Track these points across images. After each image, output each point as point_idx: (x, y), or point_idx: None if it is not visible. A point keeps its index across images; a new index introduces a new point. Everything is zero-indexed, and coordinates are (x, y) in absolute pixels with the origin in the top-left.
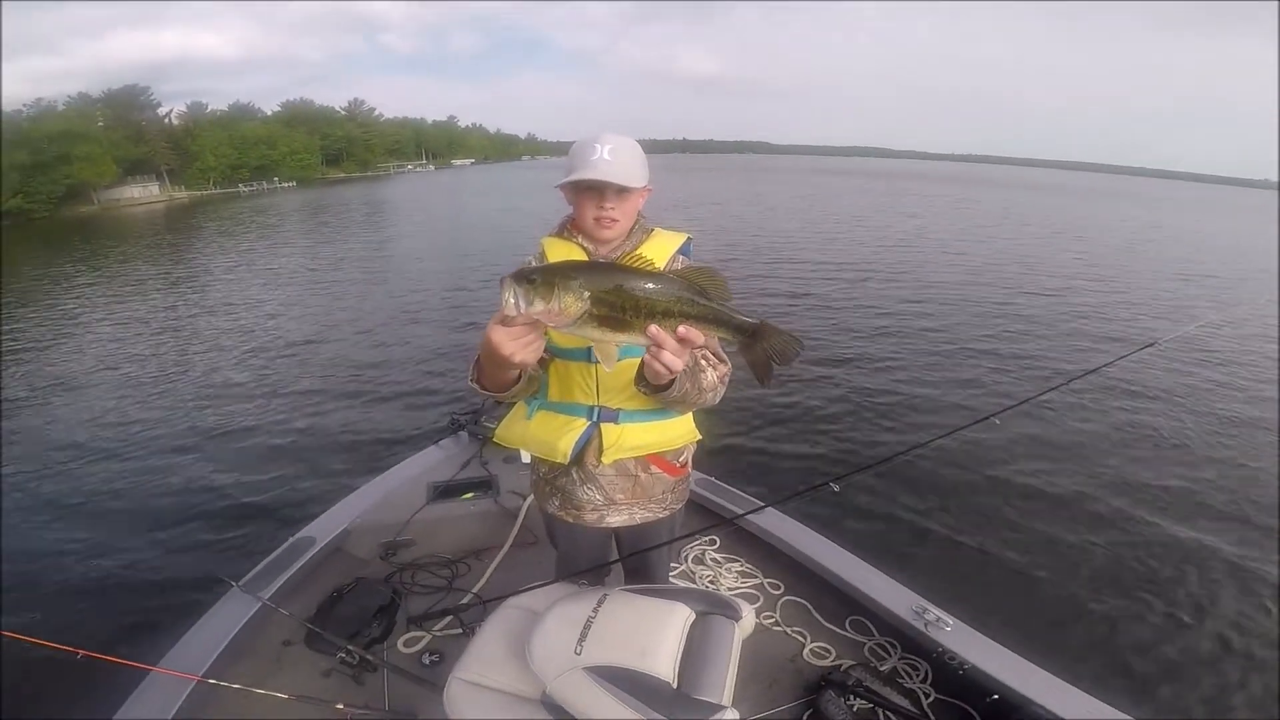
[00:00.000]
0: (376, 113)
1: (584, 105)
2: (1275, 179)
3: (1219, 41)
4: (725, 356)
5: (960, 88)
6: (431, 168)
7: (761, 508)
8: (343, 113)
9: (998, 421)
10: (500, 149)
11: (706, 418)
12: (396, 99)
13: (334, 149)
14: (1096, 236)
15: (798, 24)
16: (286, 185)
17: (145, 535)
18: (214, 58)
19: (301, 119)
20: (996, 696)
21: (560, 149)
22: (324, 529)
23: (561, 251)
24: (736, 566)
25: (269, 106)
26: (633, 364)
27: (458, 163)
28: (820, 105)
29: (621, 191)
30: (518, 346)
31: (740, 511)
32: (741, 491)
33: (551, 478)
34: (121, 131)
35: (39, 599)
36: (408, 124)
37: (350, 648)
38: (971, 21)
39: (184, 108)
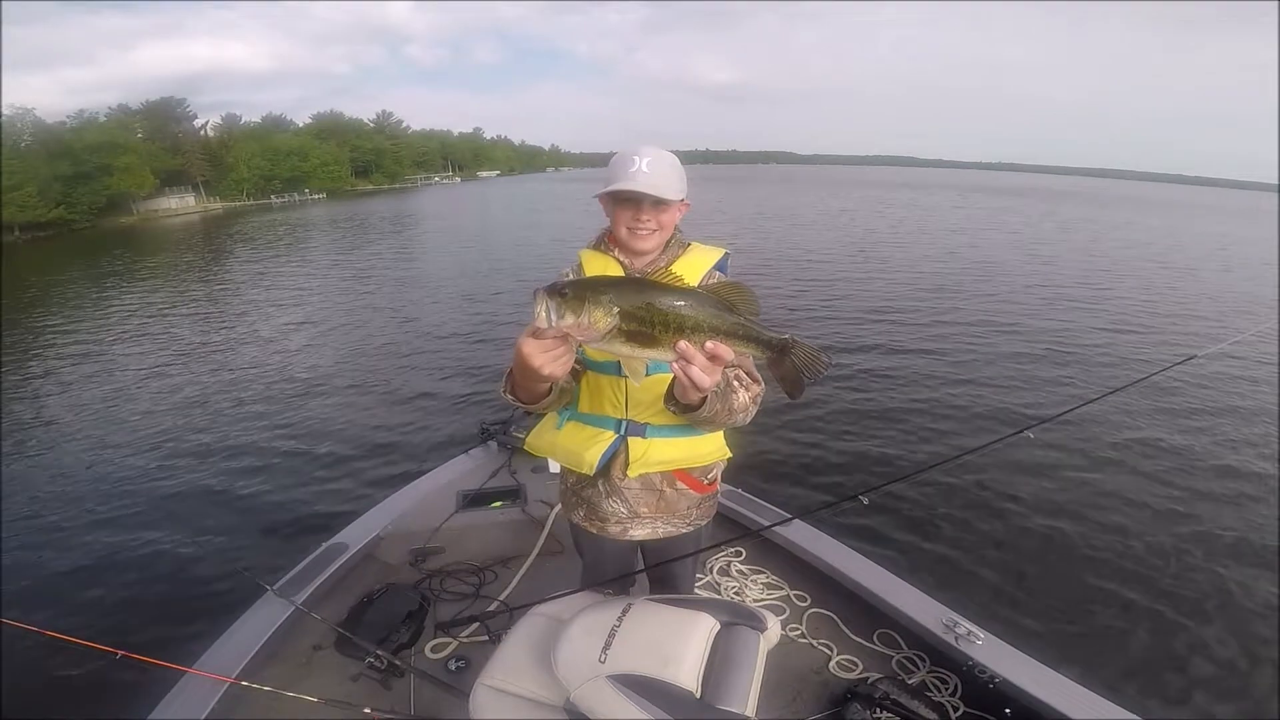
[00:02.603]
0: (404, 125)
1: (605, 117)
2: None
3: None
4: (759, 376)
5: (981, 89)
6: (457, 180)
7: (789, 519)
8: (372, 125)
9: (1032, 435)
10: (526, 161)
11: (735, 429)
12: (421, 110)
13: (363, 161)
14: (1167, 252)
15: (818, 29)
16: (317, 197)
17: (184, 540)
18: (244, 70)
19: (332, 131)
20: (1029, 711)
21: (584, 160)
22: (356, 535)
23: (597, 264)
24: (762, 578)
25: (299, 118)
26: (663, 379)
27: (484, 175)
28: (843, 113)
29: (658, 203)
30: (547, 359)
31: (767, 523)
32: (768, 503)
33: (578, 488)
34: (159, 143)
35: (82, 601)
36: (434, 136)
37: (379, 652)
38: (991, 21)
39: (219, 119)
